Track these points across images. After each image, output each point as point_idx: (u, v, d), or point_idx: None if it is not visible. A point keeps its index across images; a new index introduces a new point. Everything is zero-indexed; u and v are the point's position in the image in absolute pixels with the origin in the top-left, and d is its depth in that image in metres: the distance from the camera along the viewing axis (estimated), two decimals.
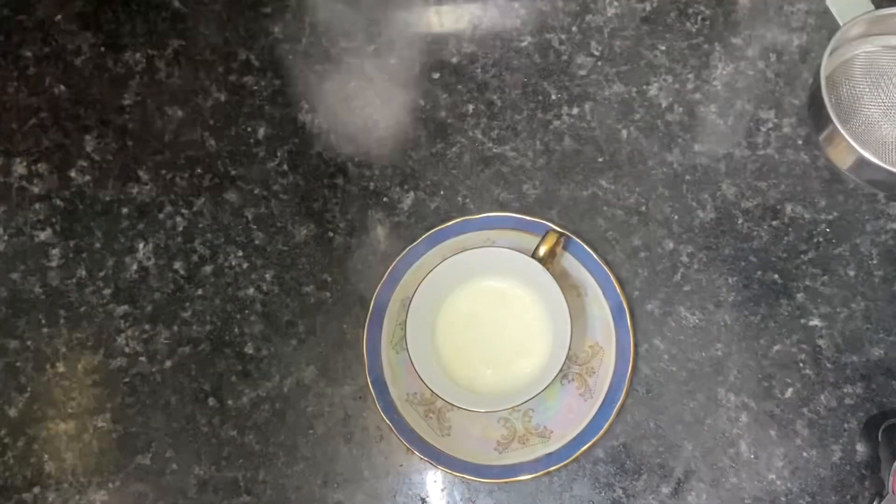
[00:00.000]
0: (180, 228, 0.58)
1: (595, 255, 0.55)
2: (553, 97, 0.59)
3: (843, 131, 0.51)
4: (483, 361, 0.53)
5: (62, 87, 0.61)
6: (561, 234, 0.52)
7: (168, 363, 0.56)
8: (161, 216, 0.58)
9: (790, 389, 0.54)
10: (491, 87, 0.59)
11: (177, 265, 0.58)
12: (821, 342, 0.54)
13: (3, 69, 0.61)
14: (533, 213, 0.56)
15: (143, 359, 0.56)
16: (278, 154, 0.59)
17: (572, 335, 0.49)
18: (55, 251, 0.58)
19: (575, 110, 0.58)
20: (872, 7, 0.55)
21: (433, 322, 0.54)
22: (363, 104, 0.59)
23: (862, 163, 0.51)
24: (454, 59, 0.60)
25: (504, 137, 0.58)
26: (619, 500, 0.53)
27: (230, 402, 0.56)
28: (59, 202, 0.59)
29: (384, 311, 0.55)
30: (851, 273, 0.55)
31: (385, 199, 0.58)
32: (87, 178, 0.59)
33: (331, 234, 0.58)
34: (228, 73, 0.60)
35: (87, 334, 0.57)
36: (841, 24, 0.56)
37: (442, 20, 0.61)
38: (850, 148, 0.51)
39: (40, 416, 0.56)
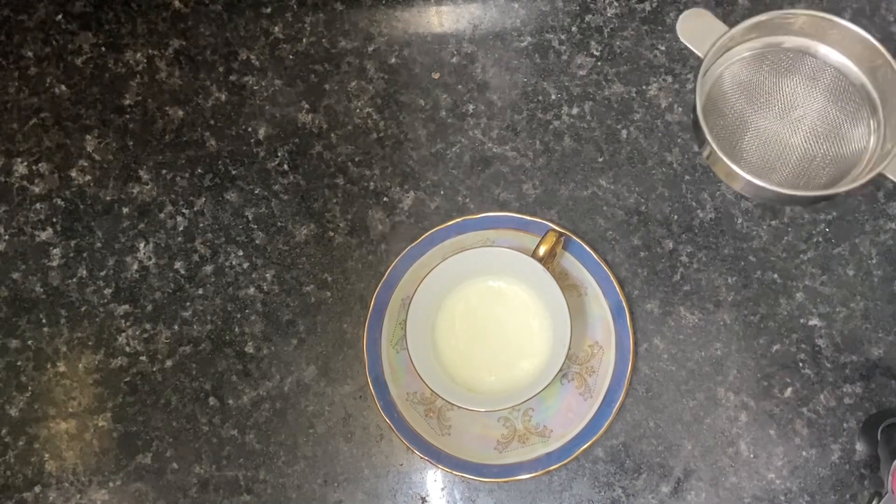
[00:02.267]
0: (181, 228, 0.58)
1: (595, 255, 0.55)
2: (553, 97, 0.59)
3: (721, 154, 0.48)
4: (483, 361, 0.53)
5: (63, 87, 0.61)
6: (561, 234, 0.52)
7: (169, 363, 0.56)
8: (162, 216, 0.58)
9: (789, 389, 0.54)
10: (491, 87, 0.59)
11: (177, 265, 0.58)
12: (820, 342, 0.54)
13: (4, 69, 0.61)
14: (533, 213, 0.56)
15: (143, 358, 0.57)
16: (278, 154, 0.59)
17: (572, 334, 0.49)
18: (56, 251, 0.58)
19: (575, 110, 0.59)
20: (726, 28, 0.51)
21: (433, 322, 0.54)
22: (363, 104, 0.59)
23: (750, 185, 0.49)
24: (454, 59, 0.60)
25: (504, 137, 0.58)
26: (619, 499, 0.53)
27: (230, 402, 0.56)
28: (59, 202, 0.59)
29: (384, 310, 0.55)
30: (851, 273, 0.55)
31: (385, 199, 0.58)
32: (88, 177, 0.59)
33: (331, 233, 0.58)
34: (229, 73, 0.60)
35: (88, 334, 0.57)
36: (701, 56, 0.51)
37: (442, 20, 0.61)
38: (736, 174, 0.49)
39: (41, 415, 0.56)
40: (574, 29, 0.60)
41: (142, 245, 0.58)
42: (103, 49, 0.61)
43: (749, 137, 0.53)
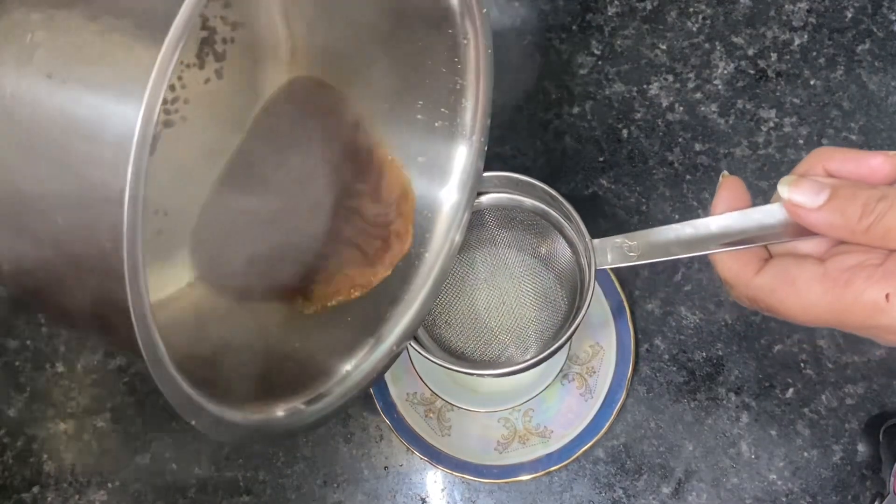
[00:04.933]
0: None
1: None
2: (553, 96, 0.59)
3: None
4: None
5: None
6: None
7: None
8: None
9: (791, 389, 0.54)
10: None
11: None
12: (822, 342, 0.54)
13: None
14: None
15: None
16: None
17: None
18: None
19: (575, 109, 0.58)
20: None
21: None
22: None
23: None
24: None
25: (504, 137, 0.58)
26: (620, 500, 0.53)
27: None
28: None
29: None
30: None
31: None
32: None
33: None
34: None
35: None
36: None
37: None
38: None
39: (39, 415, 0.56)
40: (575, 28, 0.60)
41: None
42: None
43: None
